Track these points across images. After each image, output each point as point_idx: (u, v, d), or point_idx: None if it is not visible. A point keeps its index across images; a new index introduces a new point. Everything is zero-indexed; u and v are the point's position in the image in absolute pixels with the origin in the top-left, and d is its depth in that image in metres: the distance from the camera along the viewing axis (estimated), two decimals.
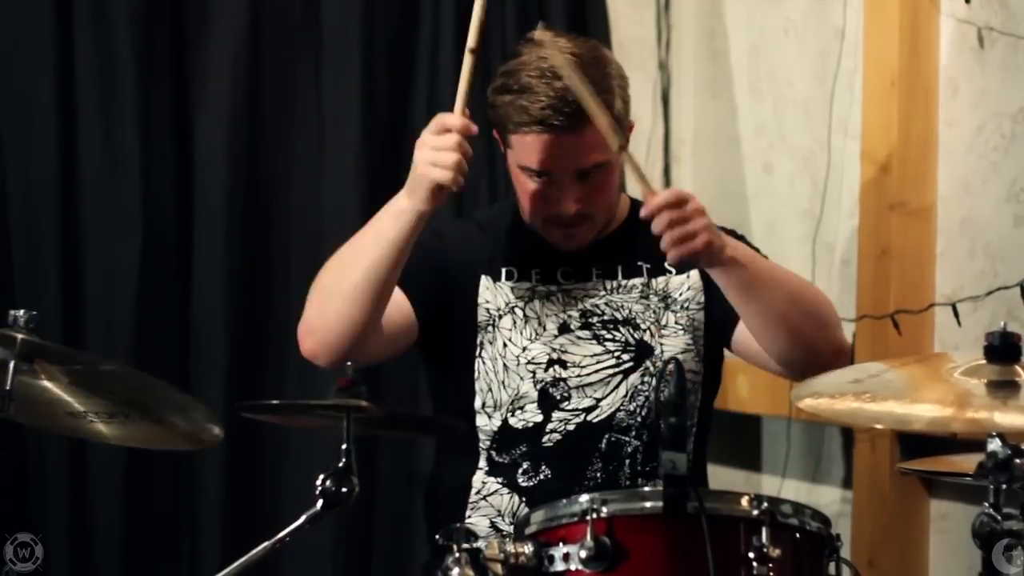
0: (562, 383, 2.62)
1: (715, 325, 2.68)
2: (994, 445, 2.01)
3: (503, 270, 2.67)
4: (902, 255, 3.22)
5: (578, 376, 2.62)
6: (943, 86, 3.21)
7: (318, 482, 2.15)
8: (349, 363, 2.21)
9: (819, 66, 3.51)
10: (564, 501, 2.08)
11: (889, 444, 3.18)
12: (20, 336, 2.16)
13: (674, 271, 2.69)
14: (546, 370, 2.62)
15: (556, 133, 2.51)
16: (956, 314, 3.08)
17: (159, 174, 3.22)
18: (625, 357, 2.64)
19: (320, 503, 2.15)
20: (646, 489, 2.14)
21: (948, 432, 2.46)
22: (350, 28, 3.37)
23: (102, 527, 3.16)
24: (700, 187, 3.87)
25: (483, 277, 2.67)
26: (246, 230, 3.30)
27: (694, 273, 2.70)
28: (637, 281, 2.68)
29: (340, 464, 2.15)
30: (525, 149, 2.55)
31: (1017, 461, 2.00)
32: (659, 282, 2.70)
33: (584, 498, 2.05)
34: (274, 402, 2.86)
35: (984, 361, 2.07)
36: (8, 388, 2.13)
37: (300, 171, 3.37)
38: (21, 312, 2.17)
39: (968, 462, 2.14)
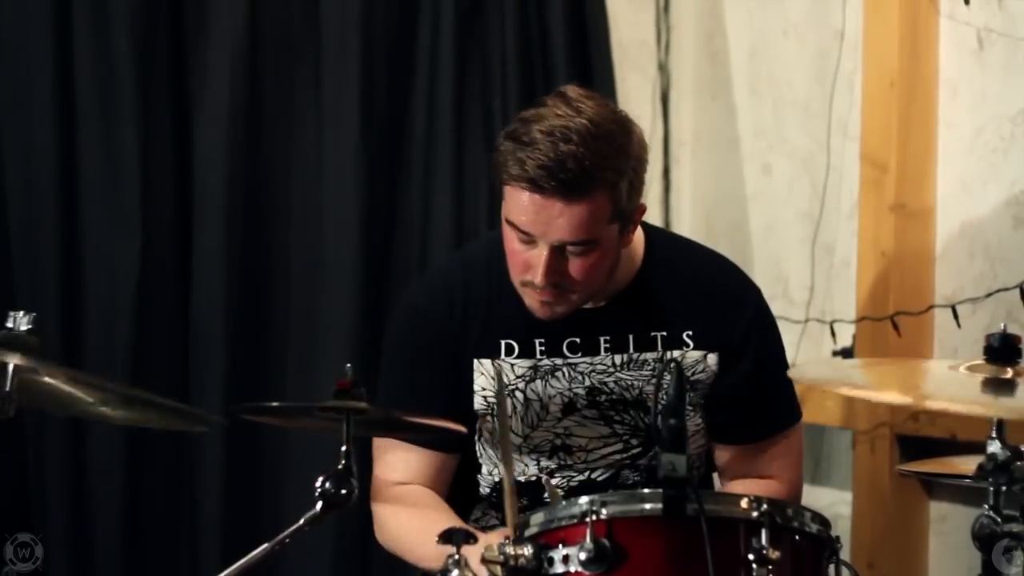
0: (567, 469, 2.55)
1: (709, 420, 2.55)
2: (994, 447, 2.01)
3: (502, 344, 2.51)
4: (901, 257, 3.22)
5: (584, 462, 2.54)
6: (942, 88, 3.21)
7: (317, 484, 2.15)
8: (348, 365, 2.20)
9: (818, 68, 3.51)
10: (564, 503, 2.07)
11: (889, 446, 3.18)
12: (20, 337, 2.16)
13: (692, 344, 2.56)
14: (550, 457, 2.54)
15: (545, 196, 2.33)
16: (956, 316, 3.08)
17: (158, 174, 3.22)
18: (634, 442, 2.54)
19: (320, 505, 2.15)
20: (646, 491, 2.12)
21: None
22: (349, 28, 3.36)
23: (101, 527, 3.16)
24: (699, 188, 3.87)
25: (476, 362, 2.51)
26: (246, 230, 3.29)
27: (712, 356, 2.56)
28: (650, 356, 2.55)
29: (340, 466, 2.15)
30: (513, 203, 2.38)
31: (1017, 463, 2.00)
32: (675, 356, 2.55)
33: (584, 500, 2.04)
34: (274, 404, 2.85)
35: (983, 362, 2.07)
36: (8, 390, 2.13)
37: (299, 171, 3.37)
38: (21, 313, 2.17)
39: (968, 464, 2.14)
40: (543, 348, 2.51)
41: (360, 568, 3.39)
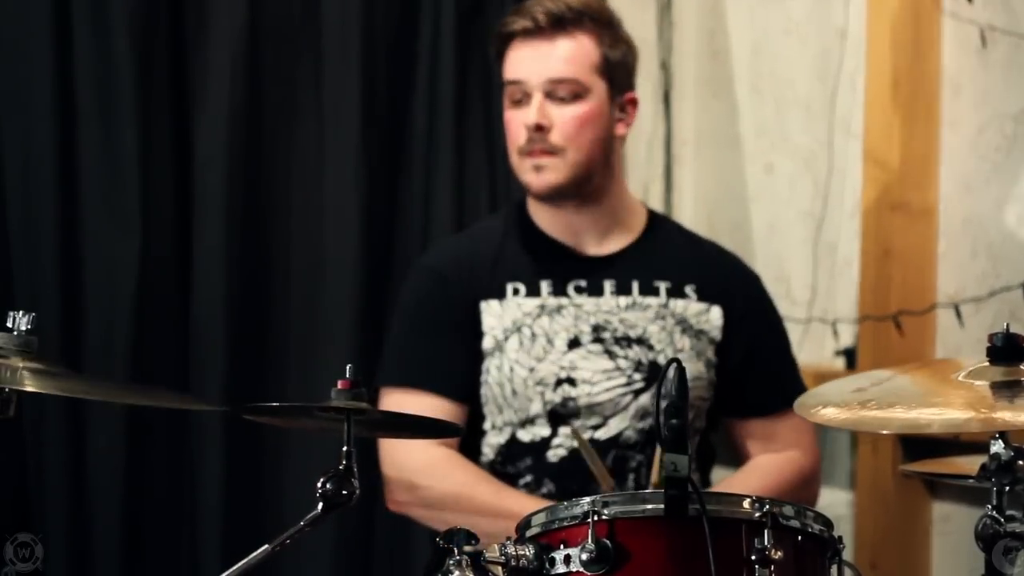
0: (571, 402, 2.59)
1: (723, 391, 2.64)
2: (997, 447, 2.00)
3: (509, 287, 2.63)
4: (904, 256, 3.21)
5: (588, 395, 2.59)
6: (945, 86, 3.21)
7: (319, 485, 2.14)
8: (349, 365, 2.20)
9: (821, 66, 3.51)
10: (565, 503, 2.07)
11: (891, 446, 3.18)
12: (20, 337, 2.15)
13: (695, 296, 2.64)
14: (555, 390, 2.58)
15: (531, 39, 2.59)
16: (959, 315, 3.08)
17: (158, 174, 3.21)
18: (636, 376, 2.59)
19: (320, 506, 2.14)
20: (647, 491, 2.13)
21: (959, 433, 2.45)
22: (350, 28, 3.36)
23: (101, 528, 3.15)
24: (701, 188, 3.86)
25: (483, 303, 2.63)
26: (246, 229, 3.29)
27: (716, 309, 2.65)
28: (653, 301, 2.63)
29: (341, 466, 2.15)
30: (507, 64, 2.63)
31: (1020, 463, 1.99)
32: (677, 304, 2.65)
33: (585, 500, 2.04)
34: (274, 404, 2.85)
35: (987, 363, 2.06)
36: (7, 390, 2.12)
37: (299, 170, 3.36)
38: (20, 313, 2.16)
39: (971, 464, 2.13)
40: (549, 290, 2.62)
41: (361, 570, 3.39)
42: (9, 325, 2.12)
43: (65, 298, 3.13)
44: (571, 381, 2.58)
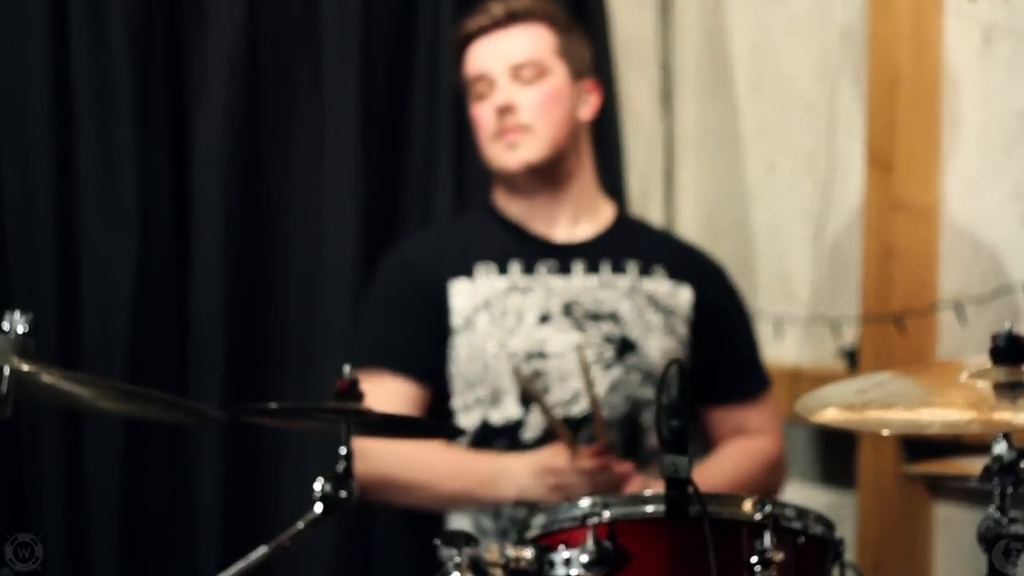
0: (542, 376, 2.62)
1: (695, 378, 2.69)
2: (1000, 448, 2.00)
3: (479, 266, 2.68)
4: (906, 255, 3.20)
5: (559, 368, 2.62)
6: (947, 85, 3.20)
7: (317, 486, 2.14)
8: (347, 366, 2.20)
9: (822, 65, 3.50)
10: (565, 505, 2.07)
11: (894, 447, 3.17)
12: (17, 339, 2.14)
13: (665, 275, 2.71)
14: (527, 360, 2.62)
15: (488, 34, 2.71)
16: (961, 315, 3.07)
17: (155, 174, 3.20)
18: (607, 349, 2.64)
19: (319, 507, 2.14)
20: (648, 493, 2.12)
21: (961, 434, 2.45)
22: (349, 26, 3.35)
23: (99, 530, 3.14)
24: (702, 187, 3.85)
25: (452, 283, 2.67)
26: (244, 230, 3.28)
27: (686, 289, 2.71)
28: (623, 280, 2.70)
29: (339, 468, 2.14)
30: (468, 61, 2.75)
31: (1023, 464, 1.98)
32: (647, 283, 2.71)
33: (585, 502, 2.04)
34: (272, 406, 2.84)
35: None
36: (5, 392, 2.11)
37: (298, 170, 3.35)
38: (17, 314, 2.16)
39: (973, 465, 2.13)
40: (520, 268, 2.71)
41: (359, 572, 3.38)
42: (6, 327, 2.12)
43: (63, 299, 3.12)
44: (541, 354, 2.62)
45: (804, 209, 3.57)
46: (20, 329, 2.13)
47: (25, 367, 2.07)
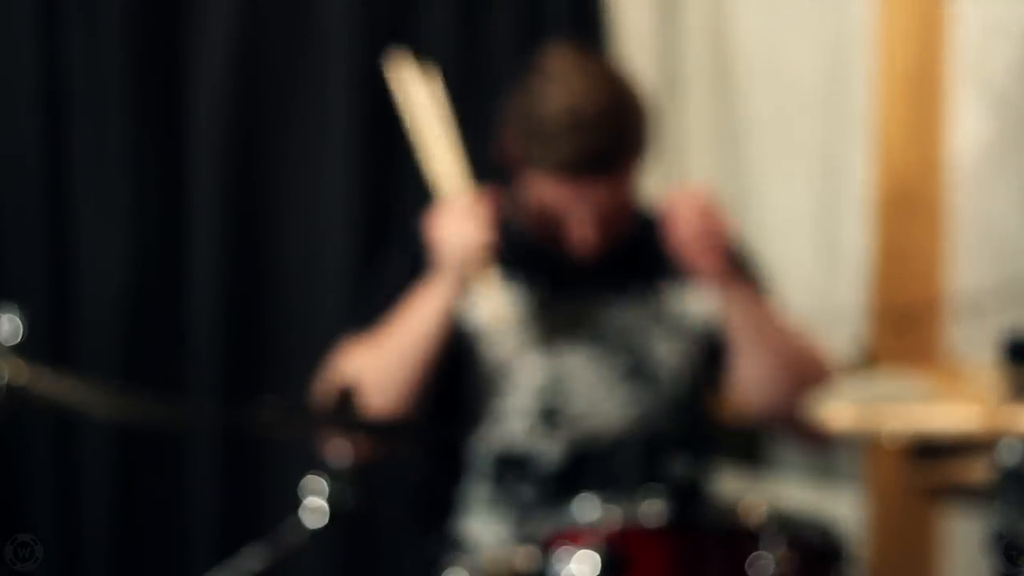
0: (558, 412, 2.57)
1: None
2: (1007, 448, 2.00)
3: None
4: (912, 253, 3.21)
5: (577, 397, 2.57)
6: (956, 81, 3.19)
7: (316, 488, 2.13)
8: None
9: (828, 61, 3.49)
10: (570, 511, 2.06)
11: (899, 452, 3.17)
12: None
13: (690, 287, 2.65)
14: (542, 390, 2.57)
15: (579, 178, 2.46)
16: (966, 314, 3.07)
17: (151, 171, 3.20)
18: (627, 381, 2.58)
19: (320, 511, 2.14)
20: (652, 500, 2.11)
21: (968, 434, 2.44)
22: (347, 25, 3.34)
23: (93, 531, 3.15)
24: (706, 184, 3.85)
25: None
26: (241, 228, 3.27)
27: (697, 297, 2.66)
28: (647, 298, 2.64)
29: (339, 470, 2.14)
30: (544, 187, 2.51)
31: None
32: (672, 299, 2.65)
33: (589, 508, 2.04)
34: (272, 407, 2.83)
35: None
36: None
37: (295, 168, 3.35)
38: (8, 315, 2.14)
39: (980, 466, 2.13)
40: (539, 289, 2.59)
41: (361, 569, 3.38)
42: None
43: (56, 299, 3.12)
44: (559, 382, 2.57)
45: (810, 206, 3.56)
46: (11, 329, 2.12)
47: (18, 370, 2.06)
